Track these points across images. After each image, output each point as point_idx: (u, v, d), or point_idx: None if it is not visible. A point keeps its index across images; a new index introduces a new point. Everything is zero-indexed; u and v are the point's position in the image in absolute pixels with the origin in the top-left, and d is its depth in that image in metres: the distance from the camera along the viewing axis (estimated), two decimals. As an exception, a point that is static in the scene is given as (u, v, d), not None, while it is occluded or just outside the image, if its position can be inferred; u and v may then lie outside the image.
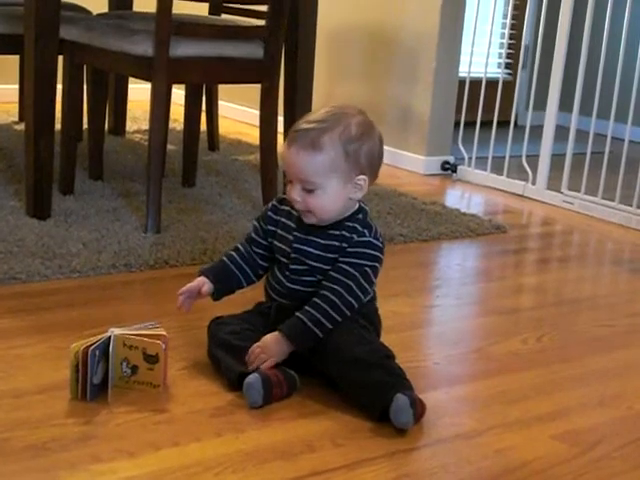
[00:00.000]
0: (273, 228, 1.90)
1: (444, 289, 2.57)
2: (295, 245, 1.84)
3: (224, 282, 1.90)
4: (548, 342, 2.18)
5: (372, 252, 1.81)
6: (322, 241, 1.82)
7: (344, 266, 1.80)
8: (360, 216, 1.84)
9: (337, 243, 1.81)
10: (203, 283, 1.87)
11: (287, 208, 1.88)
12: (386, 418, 1.65)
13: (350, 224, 1.82)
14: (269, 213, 1.91)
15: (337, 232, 1.81)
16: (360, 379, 1.69)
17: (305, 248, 1.83)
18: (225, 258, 1.93)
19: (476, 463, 1.58)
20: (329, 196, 1.78)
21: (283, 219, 1.89)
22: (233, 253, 1.92)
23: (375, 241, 1.82)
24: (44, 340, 1.93)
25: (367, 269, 1.80)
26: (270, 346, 1.75)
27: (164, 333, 1.74)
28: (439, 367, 2.00)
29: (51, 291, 2.22)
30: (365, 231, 1.82)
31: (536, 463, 1.59)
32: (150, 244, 2.58)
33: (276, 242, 1.89)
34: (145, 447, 1.53)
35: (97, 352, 1.67)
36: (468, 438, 1.67)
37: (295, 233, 1.85)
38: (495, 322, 2.31)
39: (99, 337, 1.69)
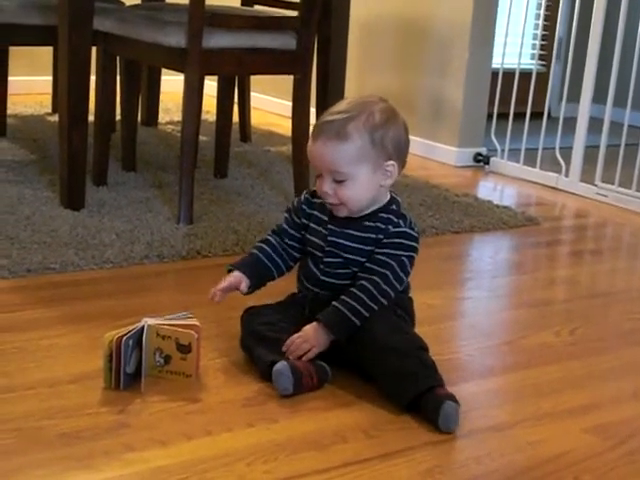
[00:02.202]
0: (306, 221, 1.89)
1: (476, 281, 2.56)
2: (330, 238, 1.84)
3: (257, 276, 1.89)
4: (581, 335, 2.17)
5: (408, 242, 1.81)
6: (358, 233, 1.81)
7: (381, 257, 1.79)
8: (394, 207, 1.84)
9: (373, 235, 1.81)
10: (241, 280, 1.86)
11: (320, 200, 1.87)
12: (414, 408, 1.65)
13: (384, 215, 1.82)
14: (303, 206, 1.90)
15: (372, 224, 1.81)
16: (394, 367, 1.69)
17: (341, 241, 1.82)
18: (256, 251, 1.92)
19: (508, 455, 1.57)
20: (360, 185, 1.78)
21: (316, 212, 1.88)
22: (263, 245, 1.92)
23: (411, 231, 1.82)
24: (78, 330, 1.94)
25: (404, 259, 1.80)
26: (312, 336, 1.75)
27: (197, 323, 1.75)
28: (471, 359, 1.99)
29: (85, 281, 2.24)
30: (400, 221, 1.81)
31: (568, 456, 1.59)
32: (182, 235, 2.59)
33: (308, 235, 1.88)
34: (177, 436, 1.54)
35: (130, 342, 1.68)
36: (500, 430, 1.66)
37: (330, 226, 1.84)
38: (528, 314, 2.30)
39: (132, 327, 1.71)
